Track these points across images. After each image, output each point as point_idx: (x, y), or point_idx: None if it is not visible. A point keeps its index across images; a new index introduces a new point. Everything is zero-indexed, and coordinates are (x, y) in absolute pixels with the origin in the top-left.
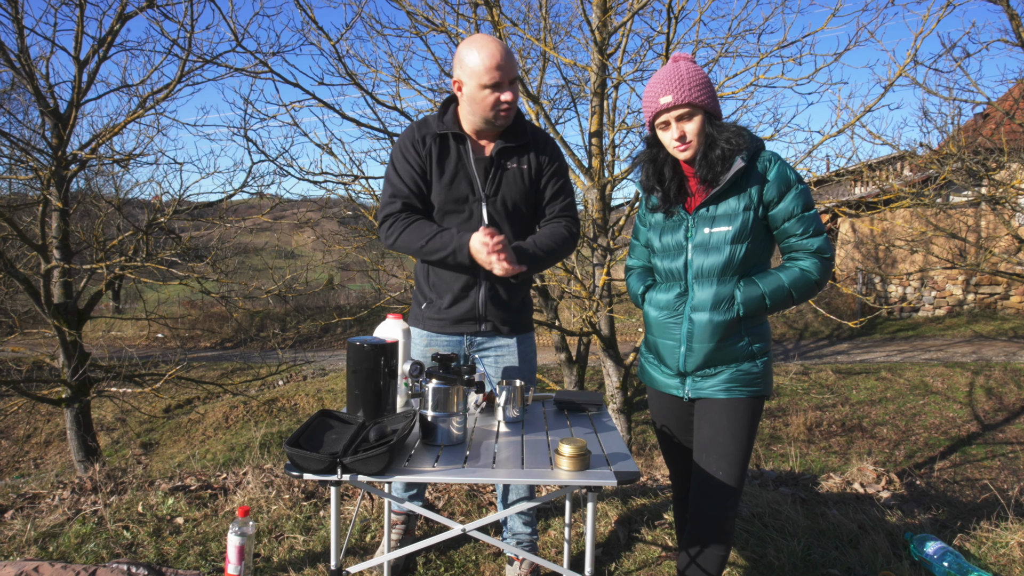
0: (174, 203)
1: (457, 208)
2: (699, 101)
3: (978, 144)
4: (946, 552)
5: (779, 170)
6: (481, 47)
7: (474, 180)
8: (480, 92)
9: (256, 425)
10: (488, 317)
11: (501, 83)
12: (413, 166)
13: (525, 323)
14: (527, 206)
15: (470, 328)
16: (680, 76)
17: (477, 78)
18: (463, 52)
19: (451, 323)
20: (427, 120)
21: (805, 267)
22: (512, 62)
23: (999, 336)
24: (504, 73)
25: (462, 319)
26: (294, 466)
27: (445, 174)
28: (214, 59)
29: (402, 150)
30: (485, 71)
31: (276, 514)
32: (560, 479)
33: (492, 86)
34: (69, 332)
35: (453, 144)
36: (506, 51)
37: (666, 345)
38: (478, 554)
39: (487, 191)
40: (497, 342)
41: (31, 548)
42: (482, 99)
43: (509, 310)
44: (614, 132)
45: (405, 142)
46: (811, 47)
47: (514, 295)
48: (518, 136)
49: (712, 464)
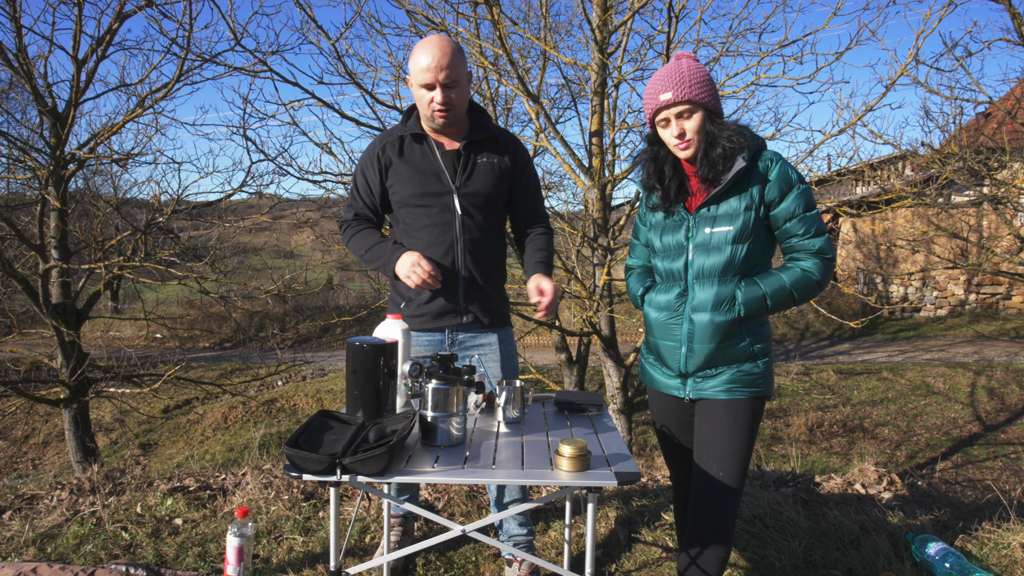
0: (173, 203)
1: (429, 203)
2: (699, 99)
3: (980, 143)
4: (948, 553)
5: (781, 170)
6: (422, 47)
7: (442, 173)
8: (418, 91)
9: (255, 426)
10: (469, 308)
11: (432, 84)
12: (368, 180)
13: (504, 316)
14: (500, 200)
15: (452, 321)
16: (681, 73)
17: (415, 77)
18: (412, 51)
19: (432, 318)
20: (391, 129)
21: (807, 267)
22: (450, 63)
23: (1001, 336)
24: (435, 74)
25: (443, 312)
26: (293, 467)
27: (411, 173)
28: (213, 58)
29: (363, 164)
30: (419, 71)
31: (275, 515)
32: (560, 480)
33: (425, 86)
34: (67, 332)
35: (415, 144)
36: (444, 53)
37: (667, 346)
38: (478, 555)
39: (457, 183)
40: (479, 340)
41: (29, 549)
42: (419, 98)
43: (488, 301)
44: (614, 131)
45: (366, 156)
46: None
47: (492, 286)
48: (482, 130)
49: (712, 465)
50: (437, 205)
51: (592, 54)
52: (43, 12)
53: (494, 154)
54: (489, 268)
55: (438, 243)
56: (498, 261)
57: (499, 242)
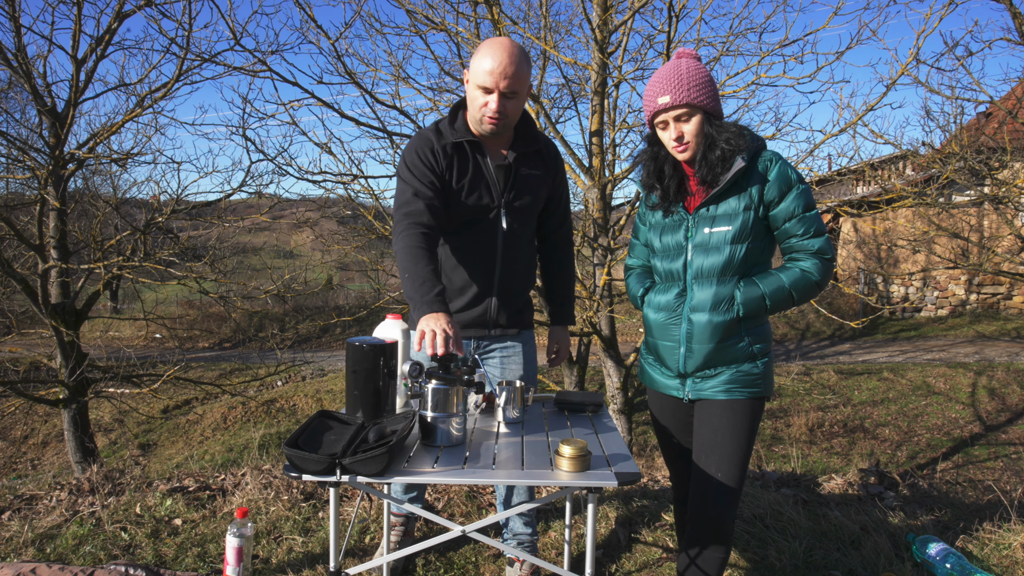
0: (172, 202)
1: (477, 216)
2: (697, 102)
3: (981, 143)
4: (949, 554)
5: (780, 170)
6: (490, 47)
7: (493, 187)
8: (474, 91)
9: (255, 426)
10: (498, 322)
11: (491, 89)
12: (431, 170)
13: (528, 320)
14: (538, 212)
15: (478, 333)
16: (680, 75)
17: (475, 77)
18: (480, 48)
19: (460, 327)
20: (439, 130)
21: (806, 268)
22: (515, 73)
23: (1002, 336)
24: (497, 80)
25: (471, 324)
26: (293, 467)
27: (465, 184)
28: (212, 58)
29: (420, 155)
30: (481, 72)
31: (275, 515)
32: (560, 480)
33: (484, 88)
34: (67, 332)
35: (468, 151)
36: (512, 60)
37: (666, 346)
38: (478, 556)
39: (506, 198)
40: (502, 344)
41: (28, 549)
42: (473, 99)
43: (516, 311)
44: (615, 131)
45: (423, 147)
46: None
47: (520, 297)
48: (530, 142)
49: (711, 465)
50: (483, 219)
51: (592, 54)
52: (42, 11)
53: (538, 165)
54: (522, 281)
55: (478, 258)
56: (530, 273)
57: (531, 253)
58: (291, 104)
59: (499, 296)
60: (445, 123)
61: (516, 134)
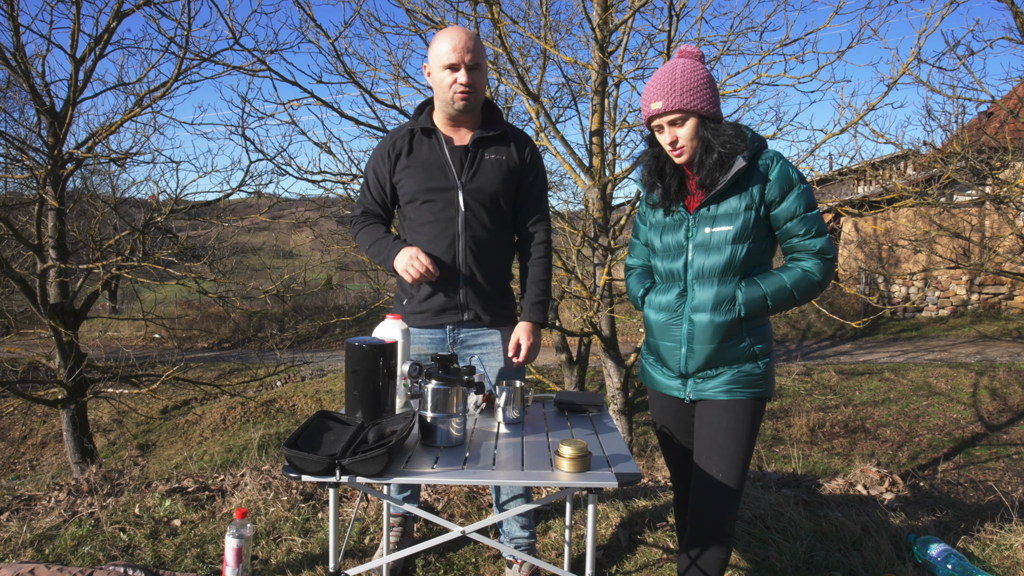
0: (171, 202)
1: (434, 197)
2: (691, 107)
3: (982, 143)
4: (950, 554)
5: (781, 169)
6: (445, 32)
7: (448, 168)
8: (439, 74)
9: (254, 426)
10: (469, 305)
11: (457, 64)
12: (379, 175)
13: (508, 315)
14: (506, 198)
15: (452, 318)
16: (674, 80)
17: (438, 60)
18: (433, 39)
19: (433, 315)
20: (403, 124)
21: (807, 268)
22: (475, 48)
23: (1003, 336)
24: (461, 55)
25: (443, 308)
26: (292, 468)
27: (419, 166)
28: (211, 57)
29: (374, 160)
30: (443, 52)
31: (274, 516)
32: (560, 481)
33: (450, 66)
34: (65, 332)
35: (424, 138)
36: (470, 38)
37: (667, 347)
38: (478, 556)
39: (463, 179)
40: (481, 338)
41: (27, 551)
42: (440, 81)
43: (490, 299)
44: (615, 130)
45: (377, 151)
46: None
47: (494, 284)
48: (493, 126)
49: (712, 466)
50: (441, 200)
51: (592, 53)
52: (41, 11)
53: (503, 151)
54: (491, 266)
55: (440, 239)
56: (502, 260)
57: (504, 241)
58: (290, 103)
59: (467, 279)
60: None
61: (481, 121)
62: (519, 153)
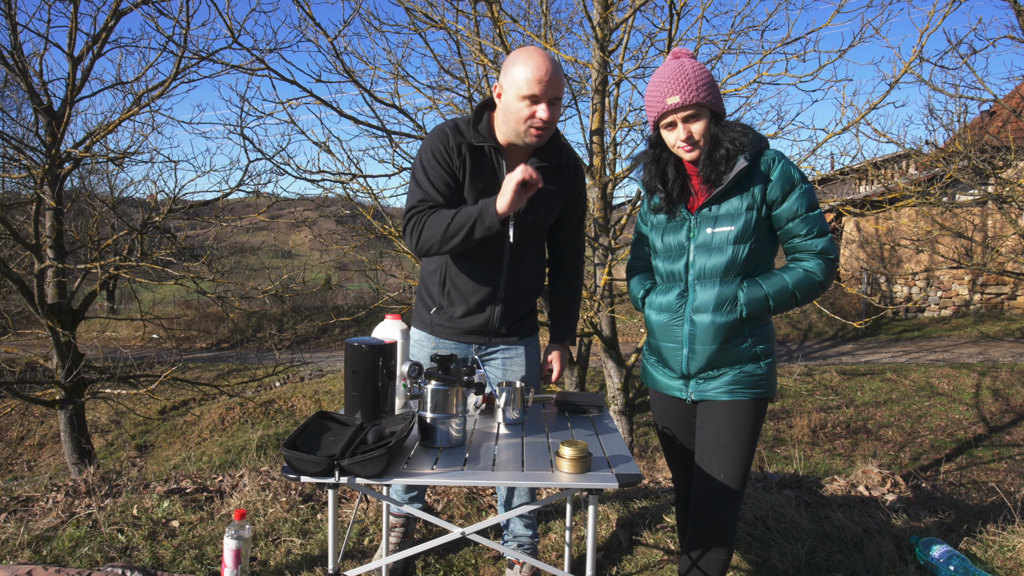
0: (169, 202)
1: None
2: (707, 101)
3: (984, 142)
4: (952, 556)
5: (783, 169)
6: (529, 55)
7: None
8: (517, 103)
9: (253, 427)
10: (500, 329)
11: (540, 98)
12: (446, 171)
13: (532, 326)
14: (549, 225)
15: (479, 339)
16: (687, 76)
17: (517, 88)
18: (512, 59)
19: (461, 332)
20: (458, 127)
21: (809, 268)
22: (558, 81)
23: (1006, 337)
24: (546, 88)
25: (473, 331)
26: (291, 468)
27: (477, 188)
28: (210, 56)
29: (434, 153)
30: (526, 82)
31: (273, 517)
32: (561, 481)
33: (531, 98)
34: (63, 333)
35: (487, 156)
36: (555, 69)
37: (668, 348)
38: (478, 558)
39: (519, 211)
40: (505, 349)
41: (24, 552)
42: (517, 111)
43: (520, 319)
44: (615, 130)
45: (438, 146)
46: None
47: (526, 305)
48: (553, 156)
49: (714, 467)
50: None
51: (593, 52)
52: (38, 9)
53: (555, 181)
54: (527, 291)
55: (483, 267)
56: (537, 284)
57: (541, 264)
58: (289, 103)
59: (503, 306)
60: (466, 121)
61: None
62: (571, 182)
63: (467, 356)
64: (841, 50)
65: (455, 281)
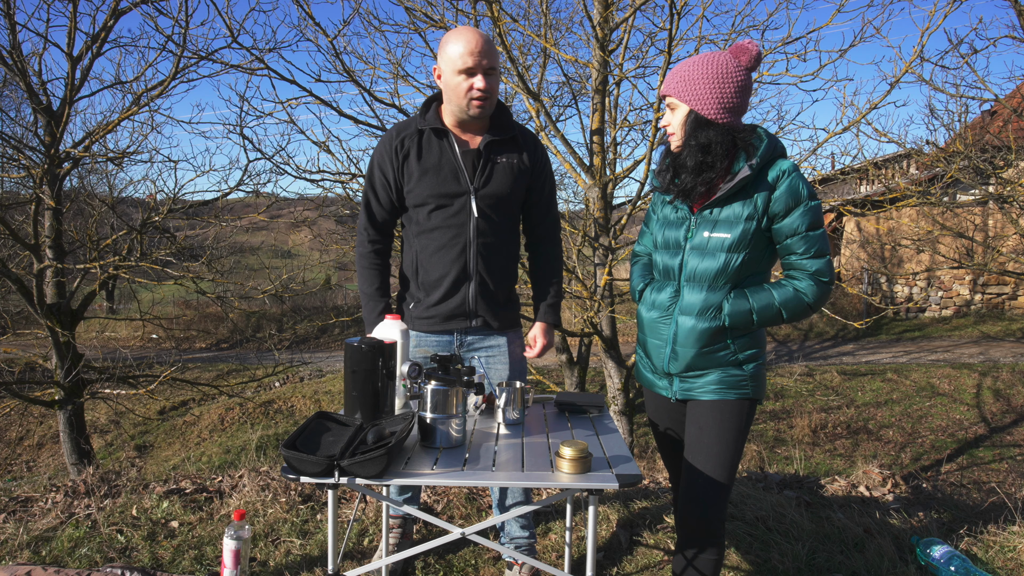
0: (169, 202)
1: (446, 202)
2: (679, 96)
3: (985, 142)
4: (953, 556)
5: (791, 183)
6: (459, 34)
7: (461, 173)
8: (455, 78)
9: (252, 427)
10: (479, 312)
11: (474, 69)
12: (387, 175)
13: (513, 319)
14: (516, 202)
15: (460, 324)
16: (686, 67)
17: (452, 64)
18: (445, 39)
19: (441, 320)
20: (408, 120)
21: (800, 288)
22: (490, 52)
23: (1007, 337)
24: (478, 59)
25: (452, 315)
26: (291, 469)
27: (428, 170)
28: (209, 55)
29: (379, 158)
30: (459, 56)
31: (272, 518)
32: (561, 482)
33: (465, 71)
34: (62, 333)
35: (435, 139)
36: (485, 41)
37: (654, 344)
38: (477, 558)
39: (476, 184)
40: (487, 341)
41: (23, 552)
42: (455, 86)
43: (498, 304)
44: (616, 129)
45: (382, 149)
46: (816, 43)
47: (503, 289)
48: (504, 130)
49: (697, 465)
50: (453, 206)
51: (593, 51)
52: (37, 8)
53: (513, 154)
54: (501, 272)
55: (451, 245)
56: (511, 264)
57: (512, 244)
58: (289, 102)
59: (478, 285)
60: (417, 115)
61: (491, 123)
62: (530, 156)
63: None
64: (842, 50)
65: (427, 266)
